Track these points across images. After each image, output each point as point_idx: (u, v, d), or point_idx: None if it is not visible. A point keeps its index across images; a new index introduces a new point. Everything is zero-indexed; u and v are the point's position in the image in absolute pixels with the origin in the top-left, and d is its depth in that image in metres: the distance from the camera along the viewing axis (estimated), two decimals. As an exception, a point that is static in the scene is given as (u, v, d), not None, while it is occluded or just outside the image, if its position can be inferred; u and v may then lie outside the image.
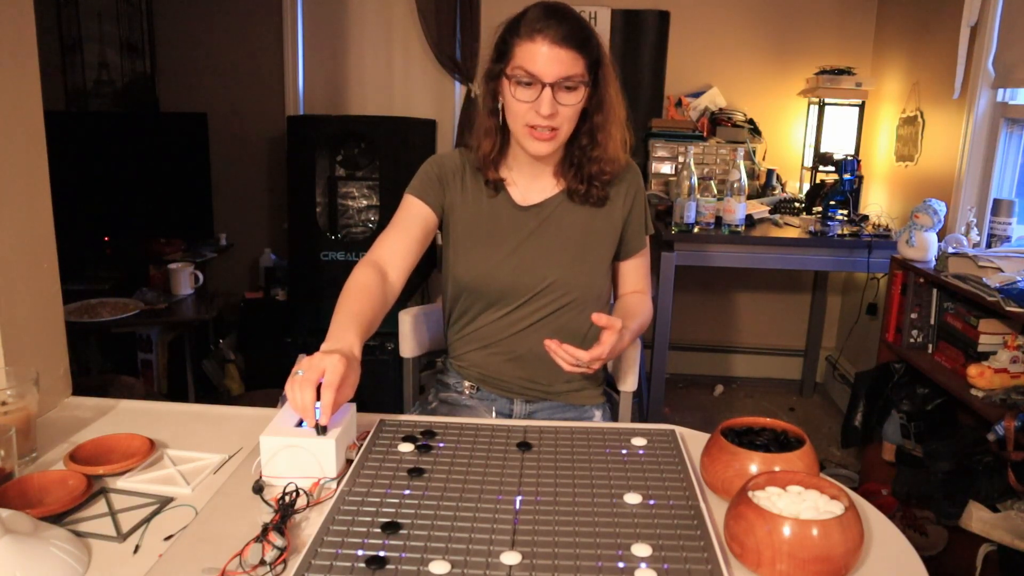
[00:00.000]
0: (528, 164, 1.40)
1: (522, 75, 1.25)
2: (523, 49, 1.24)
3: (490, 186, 1.41)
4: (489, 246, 1.40)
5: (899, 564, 0.87)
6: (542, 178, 1.42)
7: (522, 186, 1.42)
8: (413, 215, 1.39)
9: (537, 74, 1.24)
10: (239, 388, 3.19)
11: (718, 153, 3.11)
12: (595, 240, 1.42)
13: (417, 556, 0.83)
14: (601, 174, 1.37)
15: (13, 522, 0.82)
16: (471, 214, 1.41)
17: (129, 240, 3.28)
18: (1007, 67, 2.35)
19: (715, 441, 1.01)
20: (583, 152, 1.36)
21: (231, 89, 3.56)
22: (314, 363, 1.00)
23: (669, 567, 0.82)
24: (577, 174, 1.38)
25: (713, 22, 3.40)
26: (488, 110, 1.36)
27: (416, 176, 1.44)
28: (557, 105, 1.26)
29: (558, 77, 1.24)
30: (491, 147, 1.37)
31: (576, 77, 1.25)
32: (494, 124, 1.36)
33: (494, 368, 1.44)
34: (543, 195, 1.42)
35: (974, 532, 1.81)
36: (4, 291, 1.18)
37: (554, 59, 1.23)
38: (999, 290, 1.89)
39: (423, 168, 1.44)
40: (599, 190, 1.39)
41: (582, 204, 1.40)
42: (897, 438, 2.32)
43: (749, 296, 3.67)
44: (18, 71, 1.20)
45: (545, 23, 1.23)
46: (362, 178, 3.12)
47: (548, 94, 1.24)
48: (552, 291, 1.39)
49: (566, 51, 1.23)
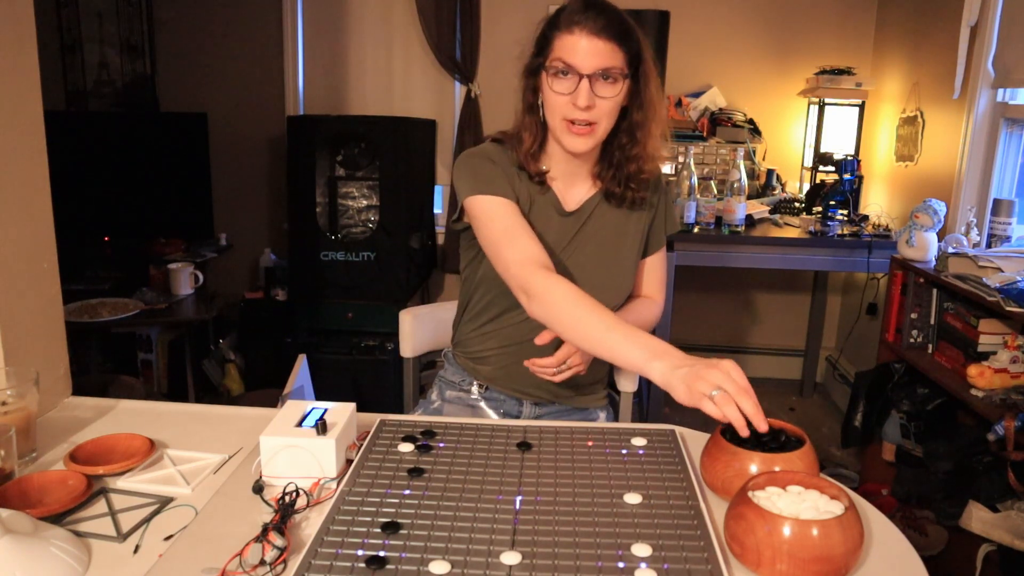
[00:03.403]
0: (566, 163, 1.36)
1: (560, 66, 1.23)
2: (562, 41, 1.23)
3: (535, 180, 1.35)
4: None
5: (899, 564, 0.87)
6: (579, 179, 1.39)
7: (563, 185, 1.39)
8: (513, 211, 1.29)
9: (575, 65, 1.22)
10: (239, 388, 3.19)
11: (718, 153, 3.11)
12: (626, 243, 1.40)
13: (417, 556, 0.83)
14: (640, 173, 1.35)
15: (13, 522, 0.82)
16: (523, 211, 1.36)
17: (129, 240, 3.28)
18: (1007, 67, 2.35)
19: (715, 441, 1.01)
20: (623, 151, 1.33)
21: (231, 89, 3.55)
22: (717, 377, 0.95)
23: (669, 567, 0.82)
24: (616, 175, 1.35)
25: (713, 22, 3.40)
26: (527, 105, 1.33)
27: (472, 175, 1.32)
28: (595, 97, 1.23)
29: (596, 68, 1.22)
30: (531, 142, 1.33)
31: (615, 70, 1.23)
32: (534, 120, 1.33)
33: (511, 368, 1.42)
34: (581, 197, 1.39)
35: (974, 532, 1.81)
36: (4, 291, 1.17)
37: (592, 50, 1.21)
38: (999, 290, 1.89)
39: (475, 166, 1.33)
40: (635, 192, 1.36)
41: (618, 207, 1.38)
42: (897, 438, 2.32)
43: (749, 296, 3.67)
44: (18, 71, 1.20)
45: (584, 15, 1.22)
46: (362, 178, 3.12)
47: (586, 85, 1.22)
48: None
49: (604, 42, 1.21)
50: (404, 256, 3.02)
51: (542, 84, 1.28)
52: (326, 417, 1.03)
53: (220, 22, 3.51)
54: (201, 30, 3.52)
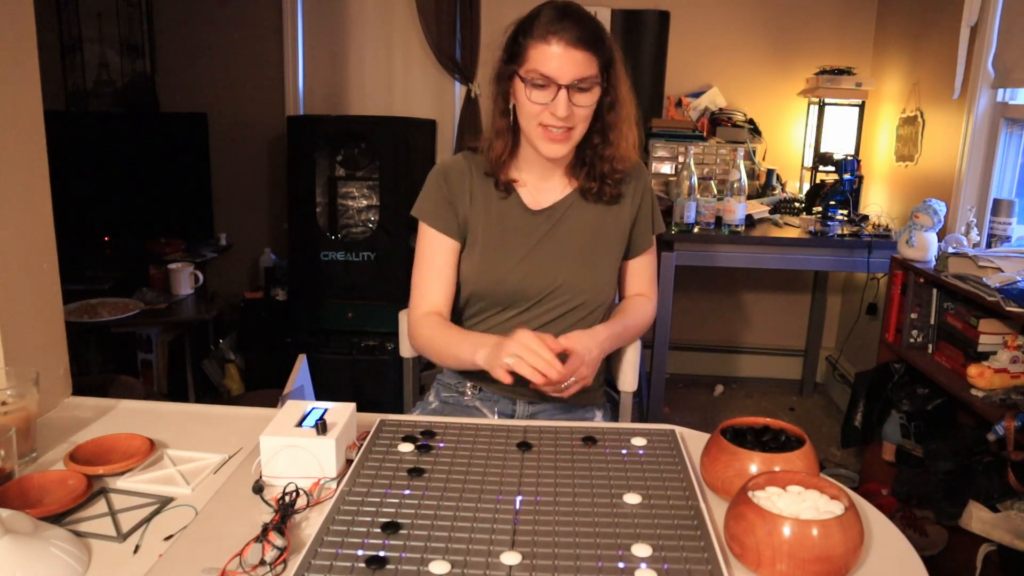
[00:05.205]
0: (539, 165, 1.39)
1: (537, 77, 1.24)
2: (537, 51, 1.24)
3: (501, 188, 1.39)
4: (500, 251, 1.39)
5: (899, 564, 0.87)
6: (553, 179, 1.41)
7: (533, 188, 1.41)
8: (439, 250, 1.40)
9: (552, 76, 1.23)
10: (239, 388, 3.19)
11: (718, 153, 3.11)
12: (604, 241, 1.41)
13: (417, 556, 0.83)
14: (613, 172, 1.37)
15: (13, 522, 0.82)
16: (482, 221, 1.40)
17: (129, 240, 3.28)
18: (1007, 67, 2.35)
19: (715, 441, 1.01)
20: (595, 151, 1.36)
21: (231, 89, 3.55)
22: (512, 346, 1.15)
23: (669, 567, 0.82)
24: (590, 173, 1.38)
25: (713, 22, 3.40)
26: (499, 111, 1.35)
27: (424, 195, 1.42)
28: (572, 107, 1.25)
29: (573, 79, 1.23)
30: (503, 148, 1.36)
31: (590, 78, 1.25)
32: (505, 125, 1.35)
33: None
34: (554, 197, 1.41)
35: (974, 532, 1.81)
36: (4, 291, 1.18)
37: (569, 61, 1.22)
38: (999, 290, 1.89)
39: (430, 186, 1.42)
40: (612, 188, 1.38)
41: (595, 203, 1.40)
42: (897, 438, 2.32)
43: (749, 296, 3.67)
44: (18, 71, 1.20)
45: (560, 25, 1.22)
46: (362, 178, 3.12)
47: (564, 96, 1.23)
48: (562, 293, 1.38)
49: (581, 52, 1.23)
50: (404, 256, 3.01)
51: (516, 92, 1.29)
52: (326, 417, 1.03)
53: (220, 22, 3.51)
54: (201, 30, 3.52)
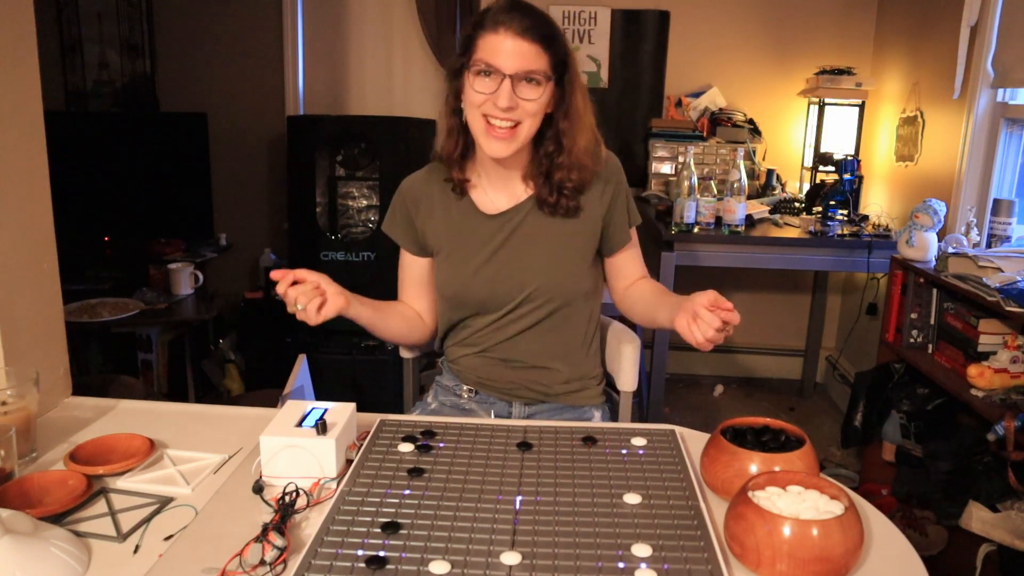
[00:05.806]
0: (495, 169, 1.37)
1: (482, 66, 1.22)
2: (485, 41, 1.23)
3: (455, 189, 1.38)
4: (462, 257, 1.38)
5: (899, 564, 0.87)
6: (511, 184, 1.39)
7: (491, 192, 1.39)
8: (406, 263, 1.47)
9: (497, 65, 1.21)
10: (239, 388, 3.19)
11: (718, 153, 3.11)
12: (571, 244, 1.38)
13: (417, 556, 0.83)
14: (567, 181, 1.33)
15: (13, 522, 0.82)
16: (443, 228, 1.39)
17: (129, 240, 3.28)
18: (1007, 67, 2.35)
19: (715, 441, 1.01)
20: (550, 159, 1.33)
21: (231, 89, 3.55)
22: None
23: (669, 567, 0.82)
24: (546, 182, 1.35)
25: (713, 22, 3.40)
26: (450, 109, 1.33)
27: (388, 212, 1.46)
28: (517, 99, 1.23)
29: (518, 69, 1.22)
30: (453, 147, 1.34)
31: (538, 73, 1.23)
32: (456, 123, 1.33)
33: (491, 372, 1.43)
34: (511, 201, 1.38)
35: (974, 532, 1.81)
36: (4, 291, 1.18)
37: (515, 51, 1.21)
38: (999, 290, 1.89)
39: (393, 203, 1.45)
40: (568, 200, 1.34)
41: (551, 216, 1.36)
42: (897, 438, 2.32)
43: (749, 296, 3.67)
44: (18, 71, 1.20)
45: (508, 14, 1.22)
46: (362, 178, 3.12)
47: (507, 85, 1.21)
48: (536, 298, 1.36)
49: (529, 44, 1.21)
50: (404, 256, 3.01)
51: (464, 85, 1.28)
52: (326, 417, 1.03)
53: (220, 22, 3.51)
54: (201, 30, 3.52)
